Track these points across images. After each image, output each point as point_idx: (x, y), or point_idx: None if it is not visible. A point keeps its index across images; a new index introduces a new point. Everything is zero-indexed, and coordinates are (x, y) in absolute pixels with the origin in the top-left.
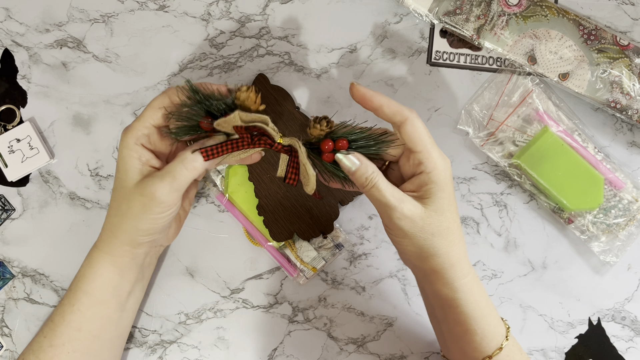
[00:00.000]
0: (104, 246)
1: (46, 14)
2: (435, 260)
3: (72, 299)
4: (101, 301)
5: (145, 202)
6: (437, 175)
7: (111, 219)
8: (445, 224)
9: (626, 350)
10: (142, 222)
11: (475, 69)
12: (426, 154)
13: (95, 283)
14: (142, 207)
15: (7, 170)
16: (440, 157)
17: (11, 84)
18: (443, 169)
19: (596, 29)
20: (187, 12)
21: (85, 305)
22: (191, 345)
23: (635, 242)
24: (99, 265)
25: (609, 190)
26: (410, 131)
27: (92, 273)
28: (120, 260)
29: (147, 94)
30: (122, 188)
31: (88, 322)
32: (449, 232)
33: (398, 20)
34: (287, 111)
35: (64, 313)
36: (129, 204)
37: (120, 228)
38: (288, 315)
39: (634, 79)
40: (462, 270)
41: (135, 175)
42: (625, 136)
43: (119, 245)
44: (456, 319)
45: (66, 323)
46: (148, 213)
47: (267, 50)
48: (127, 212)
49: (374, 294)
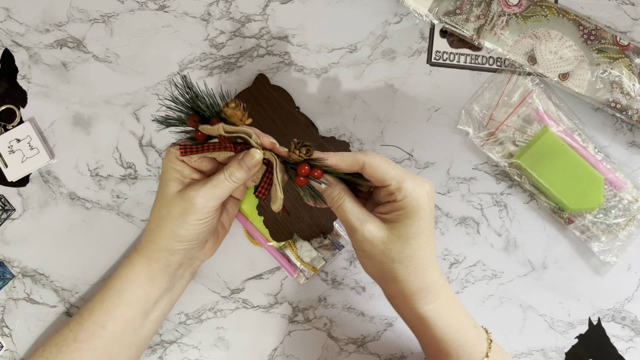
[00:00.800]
0: (143, 250)
1: (46, 14)
2: (396, 285)
3: (103, 295)
4: (129, 303)
5: (186, 206)
6: (407, 202)
7: (151, 225)
8: (408, 251)
9: (626, 350)
10: (180, 227)
11: (475, 69)
12: (395, 185)
13: (127, 283)
14: (182, 211)
15: (7, 170)
16: (415, 185)
17: (11, 84)
18: (416, 196)
19: (596, 29)
20: (187, 12)
21: (114, 303)
22: (191, 345)
23: (635, 242)
24: (134, 267)
25: (609, 190)
26: (370, 172)
27: (127, 273)
28: (155, 265)
29: (147, 94)
30: (163, 196)
31: (113, 321)
32: (412, 260)
33: (398, 20)
34: (286, 111)
35: (93, 308)
36: (170, 209)
37: (159, 233)
38: (288, 315)
39: (634, 79)
40: (427, 297)
41: (177, 185)
42: (625, 136)
43: (156, 250)
44: (427, 341)
45: (93, 318)
46: (187, 217)
47: (267, 50)
48: (166, 217)
49: (374, 294)
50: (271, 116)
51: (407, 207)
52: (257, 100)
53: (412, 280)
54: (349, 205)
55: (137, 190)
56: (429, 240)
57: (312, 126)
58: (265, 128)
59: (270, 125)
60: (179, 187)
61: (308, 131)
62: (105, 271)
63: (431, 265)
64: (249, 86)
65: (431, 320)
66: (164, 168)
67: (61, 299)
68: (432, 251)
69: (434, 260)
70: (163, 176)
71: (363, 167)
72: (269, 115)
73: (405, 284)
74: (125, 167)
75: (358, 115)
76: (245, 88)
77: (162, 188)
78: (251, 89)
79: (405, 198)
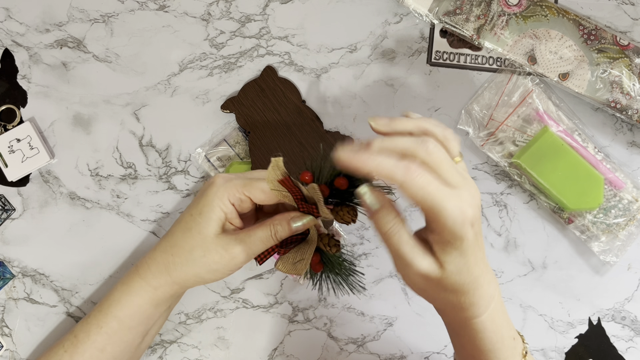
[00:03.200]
0: (149, 277)
1: (46, 14)
2: (447, 307)
3: (101, 321)
4: (130, 327)
5: (226, 259)
6: (448, 235)
7: (171, 257)
8: (461, 281)
9: (626, 350)
10: (209, 274)
11: (475, 69)
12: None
13: (129, 311)
14: (219, 260)
15: (7, 170)
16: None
17: (11, 84)
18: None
19: (596, 28)
20: (187, 12)
21: (113, 329)
22: (191, 345)
23: (635, 242)
24: (137, 295)
25: (609, 190)
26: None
27: (129, 301)
28: (162, 295)
29: (147, 94)
30: (199, 234)
31: (113, 344)
32: (465, 286)
33: (398, 20)
34: (292, 104)
35: (89, 332)
36: (206, 254)
37: (181, 270)
38: (288, 315)
39: (634, 79)
40: (478, 310)
41: (218, 227)
42: (625, 136)
43: (169, 284)
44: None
45: (90, 342)
46: (222, 269)
47: (267, 50)
48: (198, 260)
49: (374, 294)
50: (277, 108)
51: (448, 242)
52: (264, 92)
53: (464, 300)
54: (403, 236)
55: (137, 190)
56: (477, 260)
57: (317, 120)
58: (270, 120)
59: (276, 117)
60: (218, 229)
61: (313, 125)
62: (105, 271)
63: (483, 280)
64: (257, 77)
65: (476, 332)
66: (210, 204)
67: (61, 299)
68: (483, 266)
69: (485, 271)
70: (205, 210)
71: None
72: (274, 107)
73: (458, 304)
74: (125, 167)
75: (358, 115)
76: (253, 79)
77: (200, 224)
78: (258, 80)
79: (445, 231)
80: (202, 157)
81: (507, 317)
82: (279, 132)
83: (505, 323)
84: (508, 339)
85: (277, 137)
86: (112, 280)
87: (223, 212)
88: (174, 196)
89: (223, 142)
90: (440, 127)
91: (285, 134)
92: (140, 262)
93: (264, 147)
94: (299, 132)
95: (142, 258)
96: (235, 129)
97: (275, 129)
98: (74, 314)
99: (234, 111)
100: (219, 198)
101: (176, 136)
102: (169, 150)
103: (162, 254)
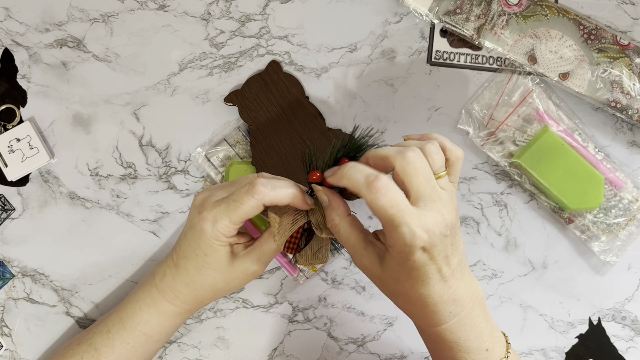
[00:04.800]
0: (171, 297)
1: (46, 13)
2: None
3: (127, 338)
4: (156, 340)
5: (248, 279)
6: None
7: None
8: (400, 290)
9: (626, 350)
10: (233, 290)
11: (475, 68)
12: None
13: (158, 328)
14: (242, 283)
15: (7, 169)
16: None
17: (11, 83)
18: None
19: (596, 28)
20: (187, 11)
21: (140, 343)
22: (191, 345)
23: (635, 241)
24: (168, 318)
25: (609, 190)
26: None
27: (160, 323)
28: (182, 311)
29: (147, 94)
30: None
31: (138, 356)
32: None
33: (398, 19)
34: (295, 99)
35: (113, 347)
36: (229, 282)
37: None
38: (288, 315)
39: (634, 79)
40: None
41: (227, 259)
42: (625, 136)
43: (192, 302)
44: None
45: (115, 356)
46: (244, 284)
47: (267, 50)
48: (224, 289)
49: (374, 294)
50: (280, 103)
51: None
52: (268, 86)
53: (410, 310)
54: (348, 230)
55: (137, 190)
56: (427, 282)
57: (319, 117)
58: (273, 114)
59: (279, 111)
60: (229, 259)
61: (315, 121)
62: (105, 271)
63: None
64: (261, 71)
65: (434, 340)
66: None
67: (61, 299)
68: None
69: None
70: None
71: (366, 202)
72: (277, 102)
73: (405, 309)
74: (125, 166)
75: (358, 114)
76: (257, 73)
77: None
78: (263, 74)
79: (394, 246)
80: (202, 156)
81: (479, 328)
82: (281, 126)
83: (474, 335)
84: (477, 351)
85: (279, 132)
86: (112, 280)
87: (225, 249)
88: (174, 196)
89: (223, 142)
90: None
91: (287, 128)
92: (162, 287)
93: (265, 141)
94: (301, 127)
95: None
96: (235, 128)
97: (278, 123)
98: (74, 314)
99: (237, 104)
100: (216, 239)
101: (176, 136)
102: (168, 150)
103: (185, 287)
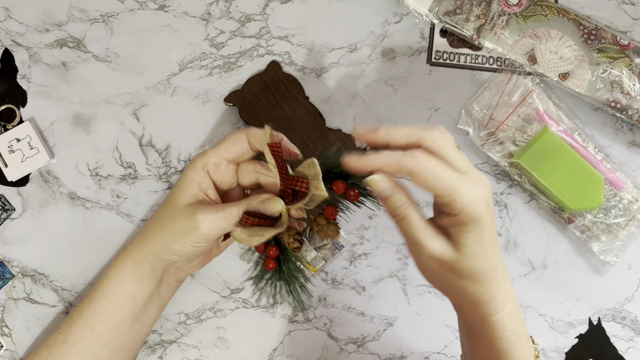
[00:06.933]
0: (131, 250)
1: (46, 13)
2: (466, 299)
3: (91, 297)
4: (115, 305)
5: (189, 226)
6: (464, 217)
7: (148, 227)
8: (477, 267)
9: (626, 350)
10: (174, 243)
11: (475, 68)
12: (447, 198)
13: (113, 284)
14: (182, 228)
15: (7, 170)
16: (470, 194)
17: (11, 83)
18: (473, 208)
19: (596, 28)
20: (187, 11)
21: (101, 305)
22: (191, 345)
23: (635, 242)
24: (120, 267)
25: (609, 190)
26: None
27: (114, 274)
28: (141, 267)
29: (147, 94)
30: (171, 203)
31: (101, 324)
32: (481, 274)
33: (398, 20)
34: (295, 100)
35: (81, 310)
36: (172, 220)
37: (152, 238)
38: (288, 315)
39: (634, 79)
40: (497, 306)
41: (189, 196)
42: (625, 136)
43: (144, 253)
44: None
45: (82, 321)
46: (185, 237)
47: (267, 50)
48: (166, 227)
49: (374, 294)
50: (280, 103)
51: (465, 223)
52: (268, 87)
53: (482, 292)
54: (414, 217)
55: (137, 190)
56: (494, 249)
57: (319, 117)
58: (273, 115)
59: (278, 112)
60: (190, 199)
61: (315, 122)
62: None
63: (500, 273)
64: (261, 72)
65: (495, 330)
66: (184, 174)
67: (61, 299)
68: (498, 258)
69: (501, 266)
70: (179, 182)
71: (411, 174)
72: (277, 102)
73: (475, 296)
74: (125, 166)
75: (358, 114)
76: (257, 73)
77: (174, 193)
78: (263, 75)
79: (462, 212)
80: None
81: (521, 316)
82: (281, 127)
83: (521, 322)
84: (524, 339)
85: (279, 132)
86: None
87: (195, 182)
88: None
89: None
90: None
91: (287, 129)
92: (130, 251)
93: None
94: (301, 128)
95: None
96: (235, 128)
97: (278, 123)
98: None
99: (237, 104)
100: (192, 167)
101: (176, 136)
102: (168, 150)
103: (144, 226)
